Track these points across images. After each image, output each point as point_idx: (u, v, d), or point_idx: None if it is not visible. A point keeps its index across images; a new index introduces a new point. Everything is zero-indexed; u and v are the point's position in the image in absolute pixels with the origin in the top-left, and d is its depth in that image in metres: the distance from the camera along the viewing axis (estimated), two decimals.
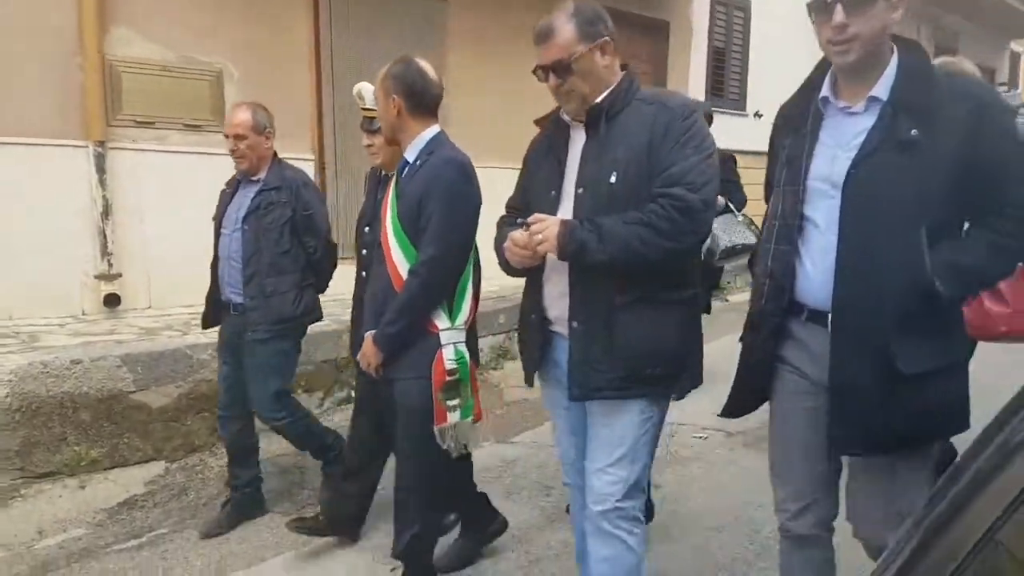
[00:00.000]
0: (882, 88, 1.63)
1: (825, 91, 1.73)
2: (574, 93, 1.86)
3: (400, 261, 2.29)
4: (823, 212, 1.68)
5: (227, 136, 3.00)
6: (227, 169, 3.12)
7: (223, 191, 3.17)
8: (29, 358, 3.47)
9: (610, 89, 1.87)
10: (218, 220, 3.11)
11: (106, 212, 4.48)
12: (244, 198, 3.03)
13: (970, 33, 13.18)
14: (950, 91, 1.59)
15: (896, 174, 1.58)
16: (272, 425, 3.09)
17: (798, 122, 1.77)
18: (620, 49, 1.91)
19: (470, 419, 2.38)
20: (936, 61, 2.73)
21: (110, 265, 4.52)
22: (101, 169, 4.44)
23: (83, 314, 4.49)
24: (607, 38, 1.86)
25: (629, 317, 1.84)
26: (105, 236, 4.49)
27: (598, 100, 1.87)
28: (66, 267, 4.43)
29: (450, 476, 2.61)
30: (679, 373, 1.93)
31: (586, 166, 1.88)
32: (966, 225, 1.71)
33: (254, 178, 3.04)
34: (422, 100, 2.31)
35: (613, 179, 1.81)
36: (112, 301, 4.53)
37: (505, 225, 2.06)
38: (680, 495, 3.37)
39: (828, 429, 1.71)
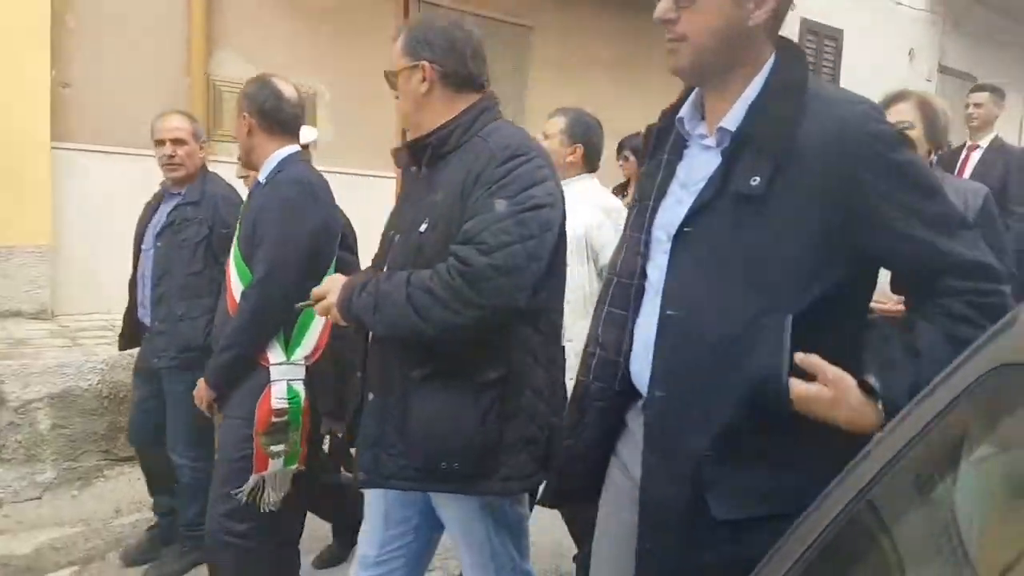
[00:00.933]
0: (734, 115, 1.20)
1: (684, 110, 1.31)
2: (402, 109, 1.70)
3: (236, 286, 2.12)
4: (658, 272, 1.27)
5: (164, 142, 2.69)
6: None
7: (147, 204, 2.94)
8: None
9: (443, 122, 1.63)
10: (138, 236, 2.88)
11: None
12: (163, 213, 2.79)
13: None
14: (818, 117, 1.13)
15: (731, 237, 1.16)
16: (178, 463, 2.75)
17: (659, 148, 1.36)
18: (464, 83, 1.64)
19: (293, 467, 2.12)
20: (888, 94, 2.16)
21: None
22: None
23: None
24: (425, 63, 1.61)
25: (424, 395, 1.55)
26: None
27: (426, 134, 1.64)
28: None
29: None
30: (485, 474, 1.55)
31: (406, 210, 1.68)
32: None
33: (175, 191, 2.78)
34: (275, 119, 2.20)
35: (423, 228, 1.57)
36: None
37: None
38: None
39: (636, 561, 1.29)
